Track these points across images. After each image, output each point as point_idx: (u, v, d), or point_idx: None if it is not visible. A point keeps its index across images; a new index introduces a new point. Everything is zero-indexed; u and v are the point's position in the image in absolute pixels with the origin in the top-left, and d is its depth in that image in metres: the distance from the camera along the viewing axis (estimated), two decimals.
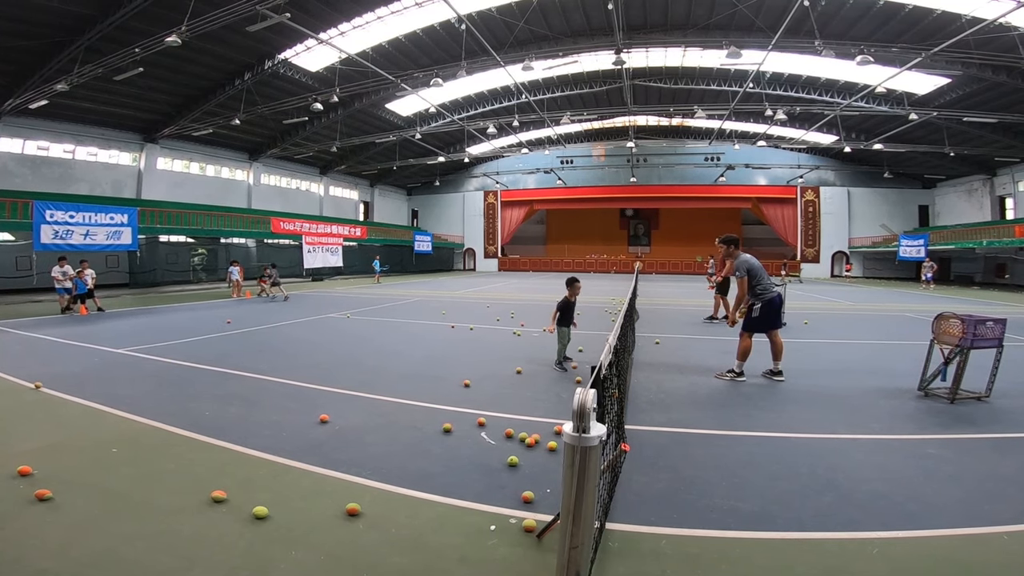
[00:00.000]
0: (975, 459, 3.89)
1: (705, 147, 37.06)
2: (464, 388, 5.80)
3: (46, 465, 3.56)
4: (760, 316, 6.22)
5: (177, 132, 24.71)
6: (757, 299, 6.21)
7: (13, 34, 16.04)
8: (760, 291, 6.24)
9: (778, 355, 6.30)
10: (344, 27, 19.50)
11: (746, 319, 6.32)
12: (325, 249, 29.66)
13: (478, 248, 45.18)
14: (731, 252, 6.60)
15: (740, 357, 6.30)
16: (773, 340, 6.31)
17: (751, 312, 6.24)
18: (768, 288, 6.27)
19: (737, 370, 6.29)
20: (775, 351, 6.30)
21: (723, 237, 6.81)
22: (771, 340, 6.32)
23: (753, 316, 6.23)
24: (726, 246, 6.70)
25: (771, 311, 6.26)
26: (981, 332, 5.23)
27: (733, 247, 6.62)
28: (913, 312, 14.40)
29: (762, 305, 6.21)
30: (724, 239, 6.76)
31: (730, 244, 6.67)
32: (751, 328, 6.28)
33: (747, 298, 6.32)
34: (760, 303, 6.21)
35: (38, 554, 2.53)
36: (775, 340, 6.30)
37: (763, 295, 6.22)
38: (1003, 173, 30.50)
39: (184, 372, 6.52)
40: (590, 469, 2.00)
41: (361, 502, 3.05)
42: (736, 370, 6.30)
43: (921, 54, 17.15)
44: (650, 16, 20.54)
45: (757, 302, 6.21)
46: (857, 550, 2.65)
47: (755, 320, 6.24)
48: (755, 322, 6.25)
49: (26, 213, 17.09)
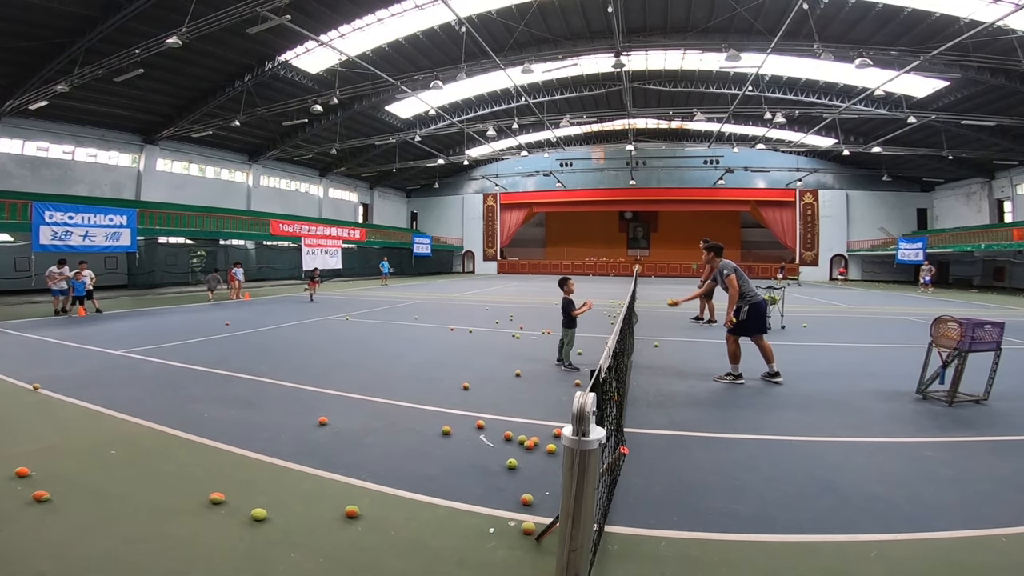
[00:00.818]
0: (973, 462, 3.90)
1: (704, 150, 37.12)
2: (463, 391, 5.80)
3: (44, 467, 3.56)
4: (747, 319, 6.26)
5: (177, 134, 24.71)
6: (744, 301, 6.25)
7: (13, 35, 16.03)
8: (746, 294, 6.28)
9: (770, 358, 6.33)
10: (344, 29, 19.52)
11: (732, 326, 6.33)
12: (324, 251, 29.65)
13: (477, 251, 45.18)
14: (712, 259, 6.62)
15: (732, 360, 6.33)
16: (760, 345, 6.35)
17: (737, 315, 6.26)
18: (753, 293, 6.34)
19: (734, 373, 6.31)
20: (766, 355, 6.33)
21: (708, 244, 6.81)
22: (758, 345, 6.36)
23: (740, 320, 6.26)
24: (709, 253, 6.71)
25: (756, 315, 6.32)
26: (979, 335, 5.24)
27: (715, 255, 6.64)
28: (911, 315, 14.42)
29: (748, 308, 6.26)
30: (709, 246, 6.77)
31: (715, 252, 6.68)
32: (737, 332, 6.31)
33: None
34: (747, 306, 6.26)
35: (36, 556, 2.52)
36: (762, 344, 6.34)
37: (749, 298, 6.27)
38: (1001, 176, 30.56)
39: (183, 374, 6.52)
40: (589, 472, 2.00)
41: (360, 504, 3.05)
42: (733, 373, 6.31)
43: (920, 57, 17.19)
44: (649, 19, 20.58)
45: (744, 304, 6.25)
46: (856, 553, 2.65)
47: (741, 324, 6.27)
48: (741, 325, 6.28)
49: (25, 214, 17.06)
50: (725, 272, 6.30)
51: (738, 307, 6.26)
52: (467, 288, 24.55)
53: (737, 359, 6.29)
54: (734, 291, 6.22)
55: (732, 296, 6.25)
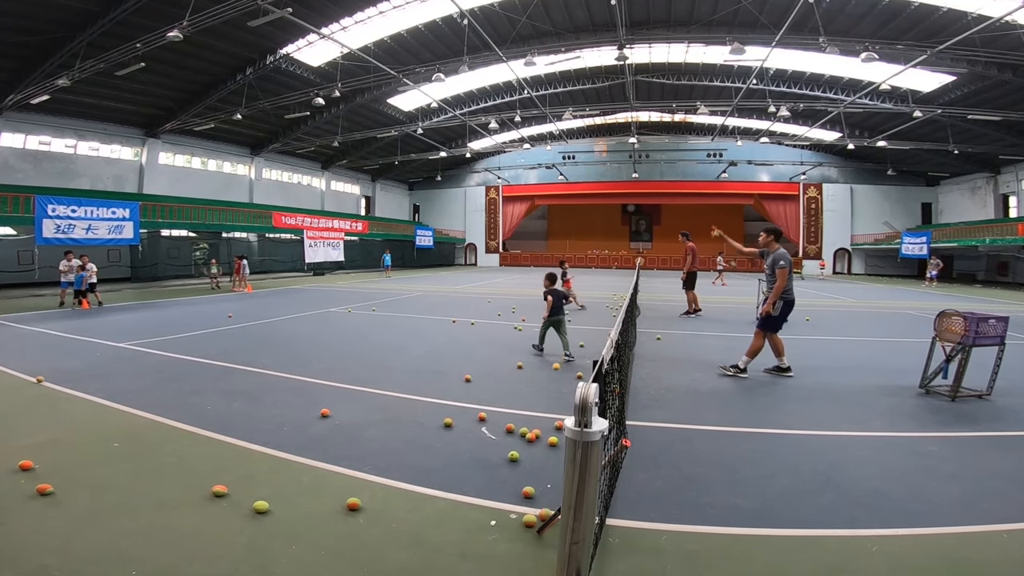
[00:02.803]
0: (976, 457, 3.89)
1: (708, 143, 36.94)
2: (465, 383, 5.80)
3: (47, 460, 3.57)
4: (780, 315, 6.24)
5: (179, 127, 24.68)
6: (781, 298, 6.20)
7: (15, 29, 16.00)
8: (790, 290, 6.24)
9: (781, 351, 6.32)
10: (346, 22, 19.42)
11: (766, 320, 6.28)
12: (327, 244, 29.67)
13: (479, 243, 45.15)
14: (770, 243, 6.53)
15: (751, 355, 6.31)
16: (773, 340, 6.33)
17: (772, 309, 6.21)
18: (791, 289, 6.30)
19: (742, 366, 6.29)
20: (778, 349, 6.32)
21: (768, 227, 6.73)
22: (771, 340, 6.34)
23: (773, 315, 6.22)
24: (769, 236, 6.59)
25: (787, 312, 6.31)
26: (983, 330, 5.22)
27: (775, 239, 6.57)
28: (915, 309, 14.38)
29: (784, 305, 6.22)
30: (769, 228, 6.67)
31: (775, 236, 6.59)
32: (770, 327, 6.28)
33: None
34: (783, 302, 6.22)
35: (39, 549, 2.53)
36: (774, 340, 6.33)
37: (787, 295, 6.23)
38: (1007, 171, 30.36)
39: (185, 367, 6.54)
40: (591, 464, 1.99)
41: (361, 497, 3.06)
42: (741, 366, 6.30)
43: (926, 51, 17.04)
44: (653, 12, 20.43)
45: (780, 300, 6.20)
46: (857, 547, 2.65)
47: (775, 319, 6.24)
48: (774, 321, 6.26)
49: (28, 208, 17.09)
50: (782, 264, 6.15)
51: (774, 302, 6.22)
52: (469, 280, 24.54)
53: (756, 355, 6.30)
54: (781, 284, 6.13)
55: (778, 288, 6.14)
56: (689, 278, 12.12)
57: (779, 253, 6.30)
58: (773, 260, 6.30)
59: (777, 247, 6.48)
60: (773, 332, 6.32)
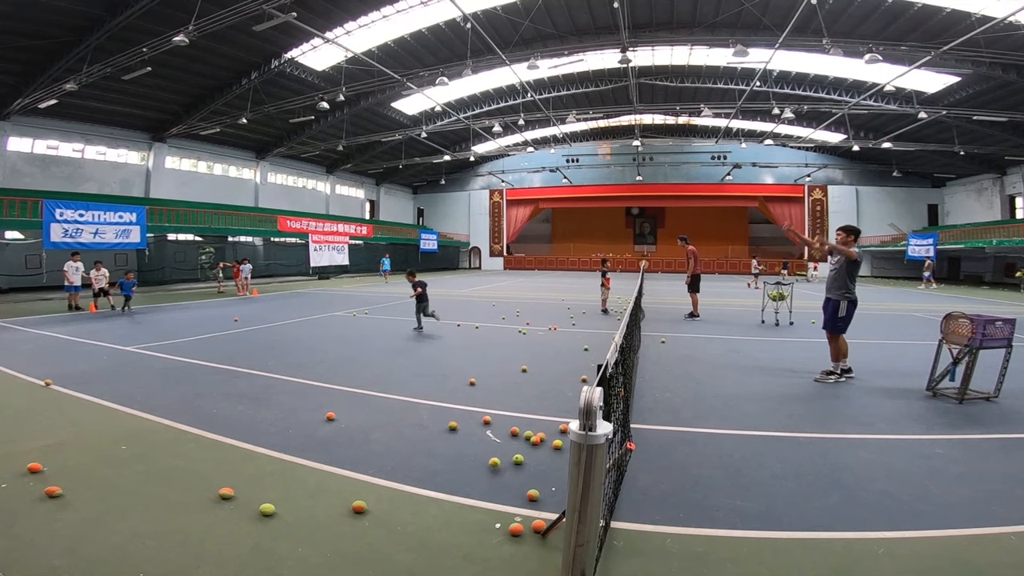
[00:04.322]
0: (983, 459, 3.87)
1: (711, 146, 36.87)
2: (470, 386, 5.81)
3: (56, 462, 3.60)
4: (846, 315, 6.31)
5: (185, 131, 24.84)
6: (845, 298, 6.29)
7: (22, 34, 16.16)
8: (852, 288, 6.34)
9: (844, 353, 6.39)
10: (350, 26, 19.53)
11: (833, 321, 6.38)
12: (331, 247, 29.78)
13: (483, 246, 45.19)
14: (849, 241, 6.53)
15: (839, 358, 6.37)
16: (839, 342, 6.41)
17: (838, 311, 6.32)
18: (853, 290, 6.39)
19: (845, 367, 6.34)
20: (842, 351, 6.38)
21: (845, 226, 6.73)
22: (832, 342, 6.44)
23: (840, 316, 6.30)
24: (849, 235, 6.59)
25: (852, 312, 6.39)
26: (990, 332, 5.19)
27: (855, 239, 6.61)
28: (921, 312, 14.30)
29: (848, 304, 6.30)
30: (847, 228, 6.69)
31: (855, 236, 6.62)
32: (838, 328, 6.36)
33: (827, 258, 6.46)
34: (847, 303, 6.30)
35: (49, 551, 2.55)
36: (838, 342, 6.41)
37: (850, 294, 6.32)
38: (1013, 172, 30.20)
39: (192, 370, 6.57)
40: (596, 467, 2.00)
41: (367, 500, 3.07)
42: (844, 367, 6.34)
43: (930, 52, 17.00)
44: (656, 14, 20.44)
45: (844, 300, 6.29)
46: (863, 550, 2.64)
47: (843, 320, 6.32)
48: (842, 322, 6.33)
49: (36, 212, 17.22)
50: (856, 250, 6.32)
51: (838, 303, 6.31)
52: (473, 284, 24.57)
53: (845, 354, 6.36)
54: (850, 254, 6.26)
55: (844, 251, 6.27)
56: (693, 281, 12.17)
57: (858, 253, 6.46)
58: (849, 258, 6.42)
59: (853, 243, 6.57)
60: (842, 333, 6.38)
